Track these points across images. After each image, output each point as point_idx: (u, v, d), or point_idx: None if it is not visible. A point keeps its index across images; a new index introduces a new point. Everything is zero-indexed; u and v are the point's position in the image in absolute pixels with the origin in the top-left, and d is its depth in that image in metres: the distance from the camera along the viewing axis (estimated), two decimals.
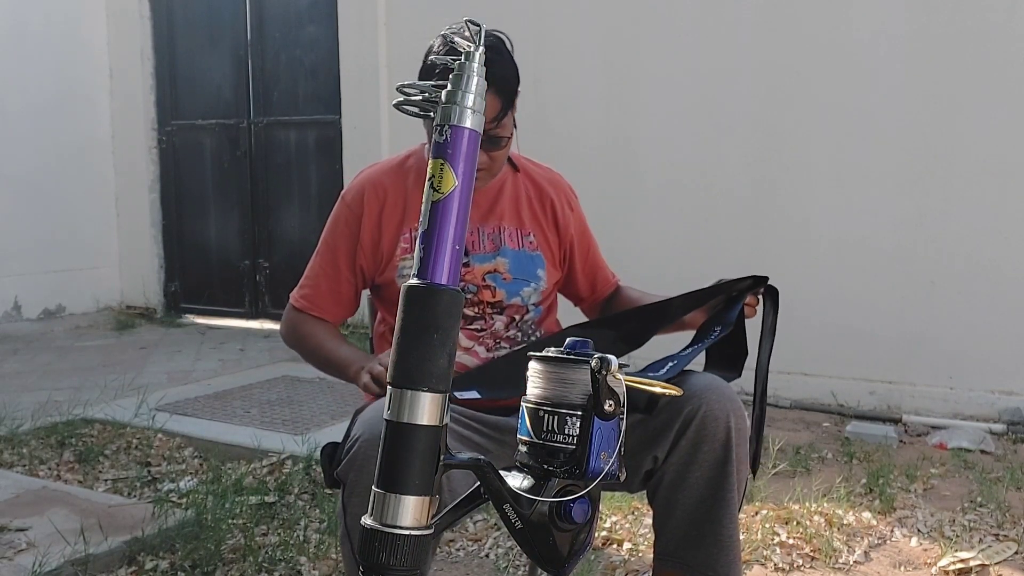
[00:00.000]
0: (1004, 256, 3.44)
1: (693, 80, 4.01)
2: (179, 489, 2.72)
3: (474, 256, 1.68)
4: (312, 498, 2.66)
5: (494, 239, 1.69)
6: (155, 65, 6.06)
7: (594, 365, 0.91)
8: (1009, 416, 3.39)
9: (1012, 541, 2.34)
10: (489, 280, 1.67)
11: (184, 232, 6.09)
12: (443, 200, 0.89)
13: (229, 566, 2.21)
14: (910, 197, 3.58)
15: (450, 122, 0.89)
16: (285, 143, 5.64)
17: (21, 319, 5.76)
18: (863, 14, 3.64)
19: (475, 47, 0.92)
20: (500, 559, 2.28)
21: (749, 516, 2.48)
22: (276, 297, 5.69)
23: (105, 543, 2.22)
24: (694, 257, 3.96)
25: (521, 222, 1.73)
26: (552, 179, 1.80)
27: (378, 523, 0.86)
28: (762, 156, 3.88)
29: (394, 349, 0.88)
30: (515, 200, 1.74)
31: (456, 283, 0.90)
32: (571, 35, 4.30)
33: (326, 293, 1.71)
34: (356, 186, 1.71)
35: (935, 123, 3.53)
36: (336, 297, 1.72)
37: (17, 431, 3.25)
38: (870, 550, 2.31)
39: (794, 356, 3.69)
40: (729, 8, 3.92)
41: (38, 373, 4.39)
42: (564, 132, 4.26)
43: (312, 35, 5.44)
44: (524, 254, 1.71)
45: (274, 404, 3.70)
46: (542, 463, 0.94)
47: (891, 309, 3.63)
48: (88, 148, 6.07)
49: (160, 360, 4.68)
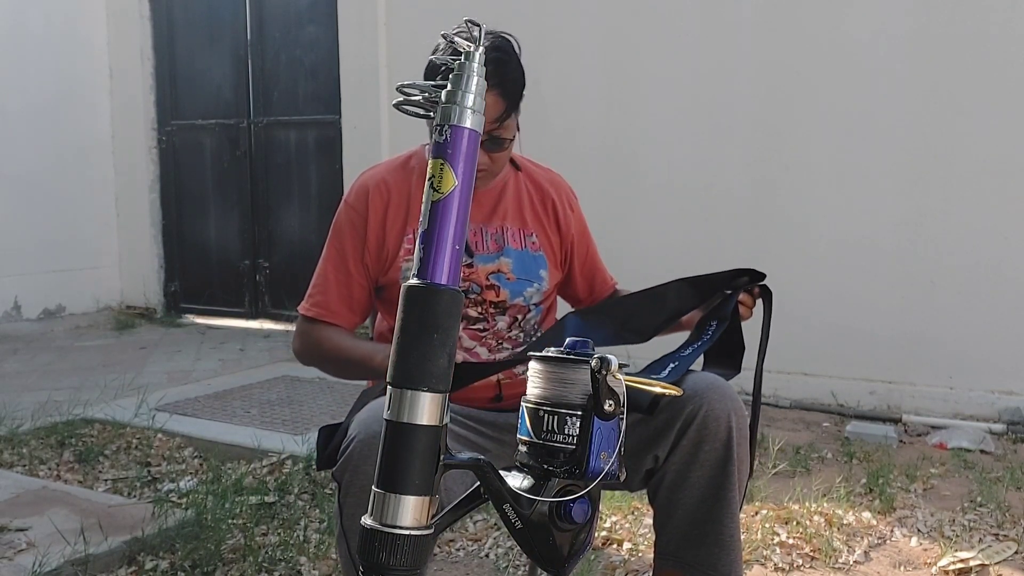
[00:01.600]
0: (1004, 256, 3.44)
1: (693, 80, 4.01)
2: (179, 489, 2.72)
3: (478, 256, 1.67)
4: (312, 498, 2.66)
5: (497, 239, 1.69)
6: (155, 65, 6.06)
7: (594, 365, 0.91)
8: (1009, 416, 3.39)
9: (1012, 541, 2.34)
10: (493, 280, 1.67)
11: (184, 232, 6.10)
12: (443, 200, 0.89)
13: (229, 566, 2.21)
14: (910, 197, 3.58)
15: (450, 122, 0.89)
16: (285, 143, 5.64)
17: (21, 319, 5.76)
18: (863, 14, 3.64)
19: (475, 47, 0.92)
20: (500, 559, 2.28)
21: (749, 516, 2.48)
22: (276, 297, 5.70)
23: (105, 543, 2.22)
24: (694, 257, 3.94)
25: (524, 222, 1.73)
26: (553, 180, 1.81)
27: (378, 523, 0.86)
28: (762, 156, 3.88)
29: (394, 349, 0.88)
30: (517, 200, 1.74)
31: (456, 283, 0.90)
32: (571, 35, 4.30)
33: (338, 300, 1.66)
34: (358, 187, 1.70)
35: (935, 123, 3.53)
36: (349, 303, 1.67)
37: (17, 431, 3.25)
38: (870, 550, 2.31)
39: (794, 356, 3.69)
40: (729, 8, 3.92)
41: (38, 373, 4.39)
42: (564, 132, 4.26)
43: (312, 35, 5.44)
44: (527, 254, 1.71)
45: (274, 404, 3.70)
46: (542, 463, 0.94)
47: (891, 309, 3.63)
48: (88, 148, 6.07)
49: (160, 360, 4.68)
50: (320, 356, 1.66)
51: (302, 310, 1.69)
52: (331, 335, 1.65)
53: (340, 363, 1.64)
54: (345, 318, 1.67)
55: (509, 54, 1.56)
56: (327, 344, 1.64)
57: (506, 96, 1.54)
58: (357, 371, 1.62)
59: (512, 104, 1.56)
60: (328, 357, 1.65)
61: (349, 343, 1.63)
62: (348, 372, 1.65)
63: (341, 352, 1.62)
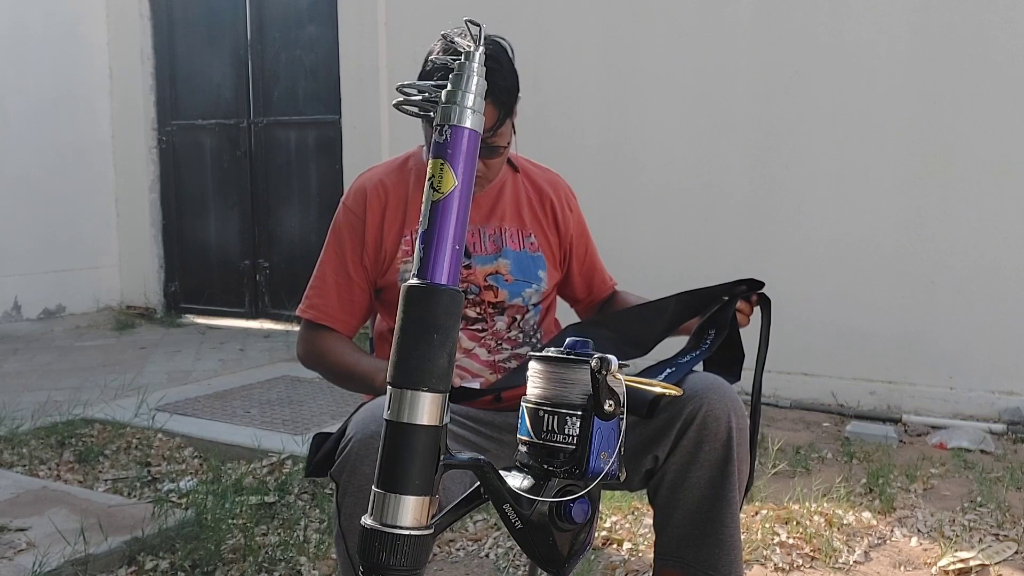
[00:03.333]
0: (1004, 256, 3.44)
1: (693, 79, 4.01)
2: (179, 489, 2.72)
3: (476, 257, 1.67)
4: (312, 498, 2.66)
5: (495, 240, 1.69)
6: (155, 65, 6.06)
7: (594, 365, 0.91)
8: (1009, 416, 3.39)
9: (1012, 541, 2.34)
10: (491, 281, 1.67)
11: (184, 232, 6.10)
12: (443, 200, 0.89)
13: (229, 566, 2.21)
14: (910, 197, 3.58)
15: (450, 122, 0.89)
16: (285, 143, 5.64)
17: (21, 319, 5.76)
18: (863, 14, 3.64)
19: (475, 47, 0.92)
20: (500, 559, 2.28)
21: (749, 516, 2.48)
22: (276, 297, 5.70)
23: (105, 543, 2.22)
24: (694, 257, 3.96)
25: (522, 223, 1.73)
26: (551, 180, 1.80)
27: (378, 523, 0.86)
28: (762, 156, 3.88)
29: (394, 349, 0.88)
30: (516, 201, 1.74)
31: (456, 283, 0.90)
32: (571, 35, 4.30)
33: (338, 304, 1.67)
34: (356, 189, 1.70)
35: (935, 123, 3.53)
36: (349, 307, 1.68)
37: (17, 431, 3.25)
38: (870, 550, 2.31)
39: (794, 356, 3.69)
40: (729, 8, 3.92)
41: (38, 373, 4.39)
42: (564, 132, 4.26)
43: (312, 35, 5.44)
44: (526, 255, 1.71)
45: (274, 404, 3.70)
46: (542, 463, 0.94)
47: (891, 309, 3.63)
48: (88, 148, 6.07)
49: (160, 360, 4.68)
50: (323, 366, 1.67)
51: (301, 312, 1.69)
52: (334, 346, 1.65)
53: (342, 377, 1.65)
54: (345, 323, 1.68)
55: (500, 62, 1.54)
56: (330, 357, 1.65)
57: (498, 105, 1.53)
58: (357, 386, 1.64)
59: (505, 112, 1.56)
60: (331, 369, 1.66)
61: (352, 358, 1.62)
62: (349, 386, 1.67)
63: (344, 367, 1.63)
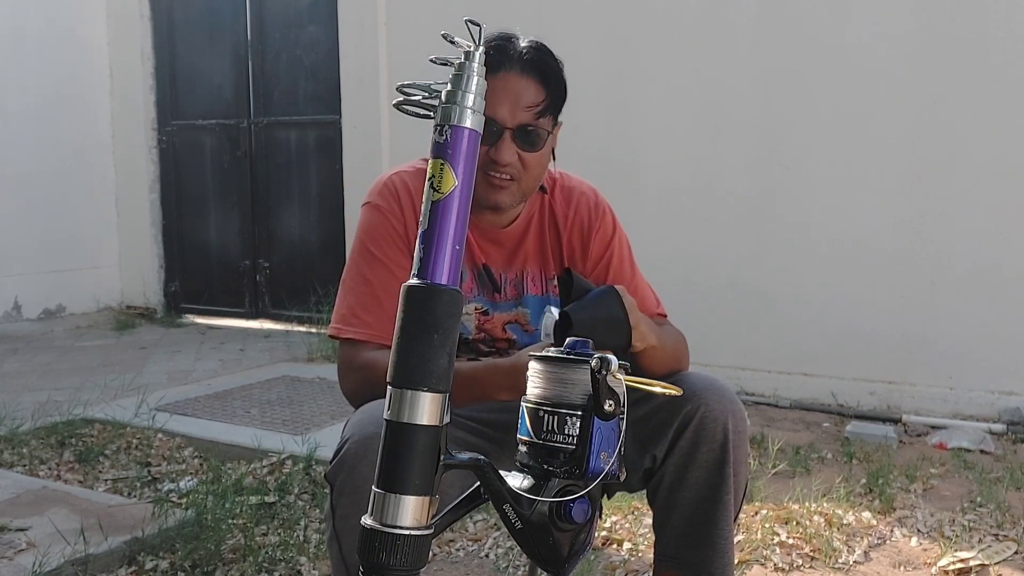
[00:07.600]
0: (1004, 256, 3.44)
1: (693, 80, 4.01)
2: (179, 489, 2.72)
3: (496, 304, 1.61)
4: (312, 498, 2.66)
5: (516, 286, 1.62)
6: (155, 65, 6.07)
7: (594, 365, 0.91)
8: (1009, 416, 3.39)
9: (1012, 541, 2.34)
10: (509, 331, 1.62)
11: (184, 232, 6.10)
12: (443, 200, 0.89)
13: (229, 566, 2.21)
14: (910, 197, 3.58)
15: (450, 122, 0.89)
16: (285, 143, 5.64)
17: (21, 319, 5.76)
18: (863, 14, 3.64)
19: (475, 47, 0.92)
20: (500, 559, 2.28)
21: (749, 516, 2.48)
22: (276, 297, 5.69)
23: (105, 543, 2.22)
24: (694, 258, 3.96)
25: (545, 260, 1.63)
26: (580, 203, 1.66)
27: (378, 523, 0.86)
28: (762, 156, 3.88)
29: (394, 349, 0.88)
30: (540, 235, 1.62)
31: (456, 283, 0.89)
32: (571, 35, 4.29)
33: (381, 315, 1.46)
34: (382, 187, 1.57)
35: (935, 124, 3.53)
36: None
37: (17, 431, 3.25)
38: (870, 550, 2.31)
39: (794, 356, 3.69)
40: (729, 9, 3.92)
41: (38, 373, 4.39)
42: (564, 132, 4.23)
43: (312, 35, 5.44)
44: (548, 300, 1.63)
45: (274, 404, 3.70)
46: (542, 463, 0.94)
47: (891, 309, 3.63)
48: (88, 148, 6.07)
49: (160, 360, 4.68)
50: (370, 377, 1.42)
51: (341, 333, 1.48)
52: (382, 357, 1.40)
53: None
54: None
55: (551, 54, 1.52)
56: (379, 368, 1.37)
57: (547, 87, 1.49)
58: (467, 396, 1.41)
59: (552, 99, 1.50)
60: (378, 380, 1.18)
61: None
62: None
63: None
